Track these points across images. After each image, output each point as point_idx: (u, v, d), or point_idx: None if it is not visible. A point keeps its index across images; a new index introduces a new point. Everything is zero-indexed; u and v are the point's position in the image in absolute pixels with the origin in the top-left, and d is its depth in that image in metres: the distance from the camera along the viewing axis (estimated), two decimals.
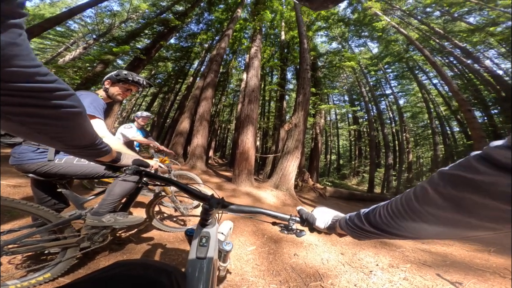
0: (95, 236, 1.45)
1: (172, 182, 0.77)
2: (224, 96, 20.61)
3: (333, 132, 26.04)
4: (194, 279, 0.57)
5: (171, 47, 14.49)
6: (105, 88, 1.51)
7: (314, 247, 2.41)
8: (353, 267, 2.00)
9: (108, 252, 1.79)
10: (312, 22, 13.24)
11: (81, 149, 0.51)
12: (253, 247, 2.27)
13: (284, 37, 12.88)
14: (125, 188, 1.48)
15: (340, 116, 27.32)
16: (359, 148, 22.15)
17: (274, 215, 0.69)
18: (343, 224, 0.55)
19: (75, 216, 1.41)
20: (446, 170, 0.30)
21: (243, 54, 17.50)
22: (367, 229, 0.45)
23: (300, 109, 5.86)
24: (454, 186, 0.27)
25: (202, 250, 0.62)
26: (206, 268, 0.60)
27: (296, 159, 5.38)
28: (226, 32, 9.65)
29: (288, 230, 0.68)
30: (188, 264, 0.61)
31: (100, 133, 1.22)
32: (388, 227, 0.40)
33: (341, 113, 26.01)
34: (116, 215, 1.49)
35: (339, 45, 17.18)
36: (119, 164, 0.85)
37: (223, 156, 23.42)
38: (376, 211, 0.44)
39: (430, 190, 0.30)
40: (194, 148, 7.49)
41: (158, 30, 10.98)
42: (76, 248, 1.38)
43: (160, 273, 0.46)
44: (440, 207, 0.29)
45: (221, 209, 0.71)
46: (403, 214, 0.36)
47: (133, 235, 2.15)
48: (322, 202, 6.28)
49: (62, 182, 1.43)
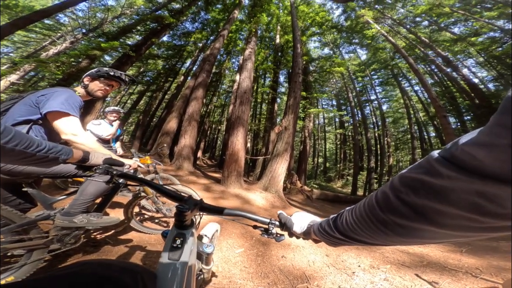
0: (66, 237, 1.38)
1: (147, 182, 0.75)
2: (216, 97, 20.42)
3: (321, 135, 26.65)
4: (166, 281, 0.55)
5: (163, 45, 14.19)
6: (84, 85, 1.44)
7: (301, 249, 2.45)
8: (337, 269, 2.05)
9: (81, 254, 1.71)
10: (307, 27, 13.55)
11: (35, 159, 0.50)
12: (241, 249, 2.27)
13: (278, 41, 13.04)
14: (98, 187, 1.42)
15: (328, 120, 28.02)
16: (344, 152, 22.80)
17: (254, 218, 0.68)
18: (316, 230, 0.53)
19: (43, 216, 1.34)
20: (406, 173, 0.27)
21: (237, 55, 17.50)
22: (337, 236, 0.43)
23: (290, 112, 5.96)
24: (415, 192, 0.25)
25: (175, 252, 0.60)
26: (180, 270, 0.58)
27: (285, 161, 5.45)
28: (222, 33, 9.62)
29: (268, 234, 0.67)
30: (159, 266, 0.58)
31: (73, 131, 1.20)
32: (355, 234, 0.37)
33: (329, 117, 26.70)
34: (89, 215, 1.43)
35: (331, 51, 17.76)
36: (88, 163, 0.82)
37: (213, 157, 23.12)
38: (343, 217, 0.42)
39: (392, 196, 0.28)
40: (181, 148, 7.35)
41: (151, 27, 10.70)
42: (44, 249, 1.31)
43: (124, 273, 0.44)
44: (403, 216, 0.26)
45: (199, 210, 0.69)
46: (368, 222, 0.33)
47: (110, 237, 2.06)
48: (309, 204, 6.40)
49: (28, 181, 1.34)
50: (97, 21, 12.51)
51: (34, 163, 0.53)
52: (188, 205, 0.65)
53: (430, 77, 15.32)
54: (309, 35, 13.73)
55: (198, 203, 0.68)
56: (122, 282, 0.41)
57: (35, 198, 1.40)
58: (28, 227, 1.24)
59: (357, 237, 0.37)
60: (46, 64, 8.27)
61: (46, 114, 1.17)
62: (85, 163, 0.80)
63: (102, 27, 12.10)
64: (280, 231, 0.69)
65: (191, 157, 7.50)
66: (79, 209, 1.39)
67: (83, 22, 12.44)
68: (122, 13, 12.58)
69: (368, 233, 0.34)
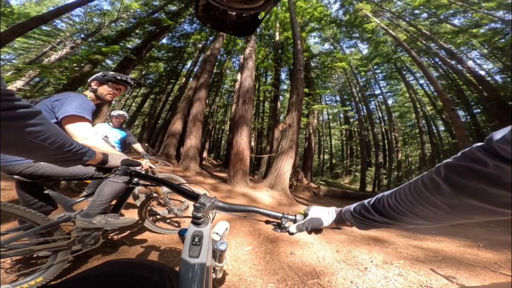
0: (86, 238, 1.41)
1: (164, 182, 0.77)
2: (218, 97, 20.47)
3: (326, 132, 26.37)
4: (188, 278, 0.57)
5: (163, 47, 14.19)
6: (93, 89, 1.47)
7: (310, 246, 2.42)
8: (348, 264, 2.02)
9: (101, 255, 1.74)
10: (306, 23, 13.40)
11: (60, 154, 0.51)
12: (250, 247, 2.26)
13: (278, 38, 12.93)
14: (115, 188, 1.45)
15: (332, 116, 27.73)
16: (350, 147, 22.49)
17: (267, 213, 0.69)
18: (349, 215, 0.57)
19: (64, 218, 1.37)
20: (452, 161, 0.33)
21: (237, 54, 17.46)
22: (376, 219, 0.48)
23: (294, 109, 5.90)
24: (462, 176, 0.31)
25: (194, 249, 0.62)
26: (200, 267, 0.59)
27: (291, 158, 5.41)
28: (221, 33, 9.59)
29: (281, 228, 0.67)
30: (181, 263, 0.60)
31: (86, 135, 1.22)
32: (400, 215, 0.42)
33: (333, 113, 26.41)
34: (107, 216, 1.46)
35: (331, 46, 17.52)
36: (107, 165, 0.83)
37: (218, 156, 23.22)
38: (383, 201, 0.47)
39: (439, 180, 0.34)
40: (188, 149, 7.40)
41: (150, 30, 10.76)
42: (67, 251, 1.34)
43: (152, 272, 0.45)
44: (450, 195, 0.32)
45: (213, 208, 0.71)
46: (414, 203, 0.39)
47: (125, 237, 2.09)
48: (316, 201, 6.34)
49: (49, 183, 1.37)
50: (95, 26, 12.60)
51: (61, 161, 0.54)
52: (204, 203, 0.67)
53: (435, 70, 14.98)
54: (308, 31, 13.60)
55: (212, 201, 0.70)
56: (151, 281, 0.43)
57: (55, 200, 1.43)
58: (52, 229, 1.28)
59: (402, 217, 0.43)
60: (49, 69, 8.43)
61: (61, 119, 1.20)
62: (104, 165, 0.81)
63: (100, 32, 12.20)
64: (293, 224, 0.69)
65: (197, 157, 7.55)
66: (97, 210, 1.42)
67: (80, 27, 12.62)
68: (119, 17, 12.66)
69: (415, 213, 0.40)
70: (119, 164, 0.88)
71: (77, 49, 12.36)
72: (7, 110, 0.34)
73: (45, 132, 0.43)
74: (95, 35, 12.04)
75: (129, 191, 1.62)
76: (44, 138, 0.44)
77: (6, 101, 0.34)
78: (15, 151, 0.42)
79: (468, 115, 12.62)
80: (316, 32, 14.97)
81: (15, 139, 0.39)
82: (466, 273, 1.81)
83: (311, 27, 13.85)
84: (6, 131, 0.36)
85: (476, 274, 1.80)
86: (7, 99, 0.34)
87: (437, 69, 15.07)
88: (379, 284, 1.68)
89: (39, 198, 1.41)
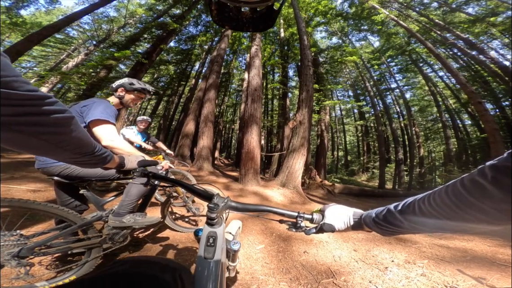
0: (116, 236, 1.48)
1: (178, 183, 0.79)
2: (227, 97, 20.64)
3: (339, 128, 25.64)
4: (203, 278, 0.58)
5: (171, 50, 14.53)
6: (119, 95, 1.61)
7: (325, 244, 2.35)
8: (367, 264, 1.94)
9: (128, 252, 1.82)
10: (311, 18, 13.06)
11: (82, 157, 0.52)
12: (262, 246, 2.24)
13: (283, 35, 12.76)
14: (140, 189, 1.53)
15: (346, 112, 26.85)
16: (367, 144, 21.69)
17: (281, 212, 0.68)
18: (369, 222, 0.54)
19: (97, 217, 1.45)
20: (498, 162, 0.30)
21: (243, 54, 17.45)
22: (404, 225, 0.45)
23: (304, 106, 5.78)
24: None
25: (209, 250, 0.63)
26: (214, 268, 0.60)
27: (302, 156, 5.31)
28: (225, 33, 9.66)
29: (296, 227, 0.66)
30: (197, 264, 0.62)
31: (111, 137, 1.35)
32: (433, 220, 0.39)
33: (346, 108, 25.55)
34: (135, 215, 1.53)
35: (340, 40, 16.93)
36: (125, 168, 0.86)
37: (229, 156, 23.46)
38: (413, 206, 0.43)
39: (485, 183, 0.31)
40: (200, 149, 7.52)
41: (157, 34, 11.06)
42: (100, 248, 1.43)
43: (165, 271, 0.46)
44: (500, 199, 0.29)
45: (226, 208, 0.71)
46: (453, 208, 0.36)
47: (148, 236, 2.17)
48: (331, 199, 6.17)
49: (83, 184, 1.48)
50: (104, 32, 13.12)
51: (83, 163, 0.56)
52: (217, 203, 0.67)
53: (455, 62, 14.16)
54: (314, 25, 13.21)
55: (226, 201, 0.70)
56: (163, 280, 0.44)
57: (89, 199, 1.53)
58: (86, 228, 1.38)
59: (438, 223, 0.39)
60: (69, 76, 8.94)
61: (89, 123, 1.32)
62: (122, 168, 0.84)
63: (110, 38, 12.69)
64: (309, 224, 0.67)
65: (209, 157, 7.66)
66: (126, 209, 1.51)
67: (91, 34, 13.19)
68: (126, 23, 13.07)
69: (454, 219, 0.36)
70: (135, 165, 0.90)
71: (91, 55, 12.93)
72: (40, 115, 0.35)
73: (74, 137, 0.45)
74: (106, 41, 12.57)
75: (153, 191, 1.70)
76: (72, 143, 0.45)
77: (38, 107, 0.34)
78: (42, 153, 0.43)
79: (497, 108, 11.67)
80: (322, 26, 14.45)
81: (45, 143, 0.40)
82: (498, 274, 1.68)
83: (317, 21, 13.43)
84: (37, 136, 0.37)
85: (509, 275, 1.65)
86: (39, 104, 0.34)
87: (457, 60, 14.24)
88: (400, 284, 1.60)
89: (75, 197, 1.53)
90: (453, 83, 15.16)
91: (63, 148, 0.44)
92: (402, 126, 18.97)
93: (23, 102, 0.32)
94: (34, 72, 18.12)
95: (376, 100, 17.54)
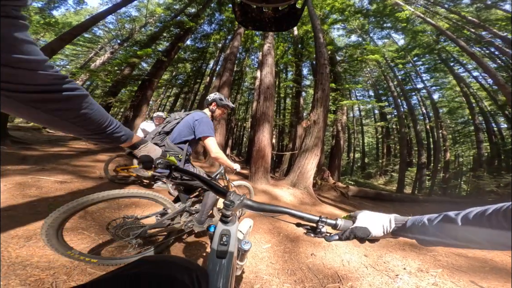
0: (188, 224, 1.82)
1: (198, 177, 0.78)
2: (239, 95, 20.74)
3: (357, 129, 24.62)
4: (214, 277, 0.57)
5: (188, 49, 14.97)
6: (213, 109, 1.92)
7: (334, 248, 2.29)
8: (377, 270, 1.87)
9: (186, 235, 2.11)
10: (326, 15, 12.62)
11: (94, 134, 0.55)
12: (268, 245, 2.24)
13: (296, 33, 12.51)
14: (213, 199, 1.84)
15: (365, 113, 25.71)
16: (387, 146, 20.71)
17: (301, 215, 0.63)
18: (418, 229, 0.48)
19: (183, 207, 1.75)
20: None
21: (255, 52, 17.44)
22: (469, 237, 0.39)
23: (319, 105, 5.63)
24: None
25: (222, 249, 0.61)
26: (226, 266, 0.59)
27: (316, 156, 5.19)
28: (238, 31, 9.69)
29: (316, 232, 0.61)
30: (209, 262, 0.60)
31: (216, 149, 1.71)
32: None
33: (366, 109, 24.46)
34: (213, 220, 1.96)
35: (359, 38, 16.17)
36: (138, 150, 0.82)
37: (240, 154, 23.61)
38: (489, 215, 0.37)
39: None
40: None
41: (175, 32, 11.44)
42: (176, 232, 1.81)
43: (183, 272, 0.46)
44: None
45: (242, 206, 0.68)
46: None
47: None
48: (345, 202, 5.97)
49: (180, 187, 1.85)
50: (127, 32, 13.80)
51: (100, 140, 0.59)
52: (233, 200, 0.65)
53: (492, 61, 13.02)
54: (330, 23, 12.70)
55: (242, 199, 0.68)
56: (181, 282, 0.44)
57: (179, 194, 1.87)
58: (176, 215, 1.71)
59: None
60: (97, 73, 9.54)
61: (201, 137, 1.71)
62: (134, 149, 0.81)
63: (133, 37, 13.32)
64: (331, 229, 0.61)
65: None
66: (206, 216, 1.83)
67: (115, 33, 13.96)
68: (147, 22, 13.65)
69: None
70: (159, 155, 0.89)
71: (116, 53, 13.63)
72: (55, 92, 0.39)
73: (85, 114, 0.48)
74: (129, 40, 13.22)
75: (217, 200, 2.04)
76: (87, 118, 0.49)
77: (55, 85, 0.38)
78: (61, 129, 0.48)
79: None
80: (340, 24, 13.88)
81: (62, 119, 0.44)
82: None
83: (333, 19, 12.91)
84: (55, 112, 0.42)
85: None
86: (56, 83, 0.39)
87: (494, 60, 13.07)
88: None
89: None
90: (489, 84, 13.99)
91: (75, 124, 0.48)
92: (428, 129, 17.75)
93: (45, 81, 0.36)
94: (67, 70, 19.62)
95: (399, 101, 16.63)
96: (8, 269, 1.26)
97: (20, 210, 2.03)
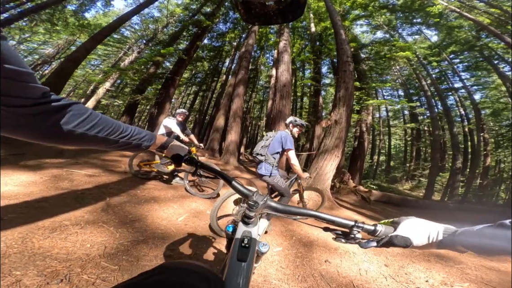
0: None
1: (222, 175, 0.77)
2: (254, 93, 20.69)
3: (384, 130, 23.06)
4: (236, 282, 0.52)
5: (205, 48, 15.40)
6: (291, 129, 2.58)
7: (351, 255, 2.14)
8: (397, 281, 1.72)
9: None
10: (347, 11, 11.94)
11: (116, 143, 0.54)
12: (279, 248, 2.15)
13: (314, 29, 12.06)
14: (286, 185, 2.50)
15: (393, 113, 23.95)
16: (417, 149, 19.19)
17: (332, 219, 0.57)
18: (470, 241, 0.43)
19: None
20: None
21: (270, 50, 17.29)
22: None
23: (342, 105, 5.34)
24: None
25: (244, 252, 0.57)
26: (246, 272, 0.54)
27: (336, 158, 4.93)
28: (252, 29, 9.64)
29: (348, 238, 0.54)
30: (228, 267, 0.55)
31: (294, 160, 2.37)
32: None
33: (394, 109, 22.72)
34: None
35: (386, 34, 15.02)
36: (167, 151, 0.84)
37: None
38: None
39: None
40: (228, 144, 7.73)
41: (193, 31, 11.90)
42: None
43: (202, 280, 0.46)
44: None
45: (265, 207, 0.64)
46: None
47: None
48: (365, 207, 5.62)
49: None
50: (152, 32, 14.56)
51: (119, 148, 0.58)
52: (257, 201, 0.62)
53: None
54: (352, 19, 12.01)
55: (266, 200, 0.64)
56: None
57: None
58: None
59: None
60: (126, 72, 10.22)
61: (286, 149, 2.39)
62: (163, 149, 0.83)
63: (157, 37, 14.03)
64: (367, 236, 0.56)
65: (236, 152, 7.82)
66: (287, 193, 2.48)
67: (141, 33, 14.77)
68: (168, 22, 14.28)
69: None
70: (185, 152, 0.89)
71: (142, 53, 14.42)
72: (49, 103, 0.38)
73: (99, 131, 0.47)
74: (153, 40, 13.96)
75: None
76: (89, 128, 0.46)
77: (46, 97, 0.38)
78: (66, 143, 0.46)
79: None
80: (363, 20, 13.02)
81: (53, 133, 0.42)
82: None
83: (355, 14, 12.19)
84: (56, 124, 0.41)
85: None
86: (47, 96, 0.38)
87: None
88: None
89: None
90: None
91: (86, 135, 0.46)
92: (466, 131, 16.02)
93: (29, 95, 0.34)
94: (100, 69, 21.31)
95: (433, 101, 15.27)
96: (29, 260, 1.29)
97: (51, 201, 2.13)
